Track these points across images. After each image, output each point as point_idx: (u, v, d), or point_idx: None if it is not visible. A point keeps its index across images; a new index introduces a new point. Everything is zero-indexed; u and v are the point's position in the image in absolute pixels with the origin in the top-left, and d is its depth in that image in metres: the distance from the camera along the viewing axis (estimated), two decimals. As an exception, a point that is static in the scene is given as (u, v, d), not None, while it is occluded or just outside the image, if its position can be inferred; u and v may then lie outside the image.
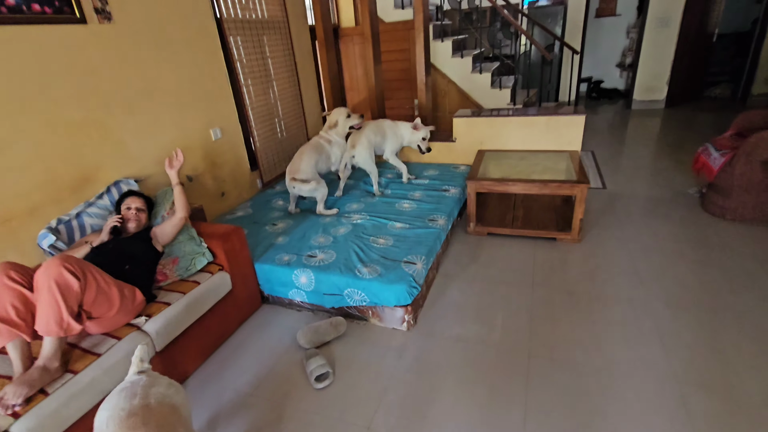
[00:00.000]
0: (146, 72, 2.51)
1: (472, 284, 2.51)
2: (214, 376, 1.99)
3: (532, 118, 3.39)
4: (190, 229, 2.17)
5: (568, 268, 2.59)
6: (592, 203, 3.42)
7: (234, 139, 3.29)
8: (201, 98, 2.93)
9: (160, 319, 1.81)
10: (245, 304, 2.33)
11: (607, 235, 2.93)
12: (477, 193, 2.96)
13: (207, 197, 3.08)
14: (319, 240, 2.58)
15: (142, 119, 2.51)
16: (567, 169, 3.06)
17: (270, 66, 3.59)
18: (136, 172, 2.51)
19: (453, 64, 4.95)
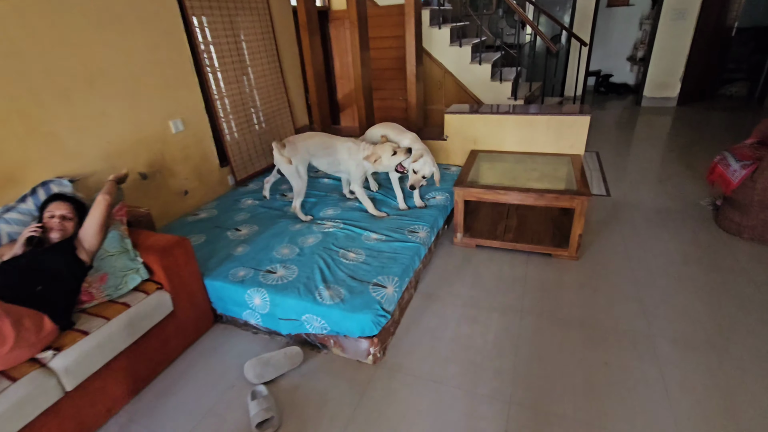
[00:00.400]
0: (88, 55, 2.19)
1: (452, 307, 2.21)
2: (144, 416, 1.72)
3: (532, 116, 3.05)
4: (125, 240, 1.88)
5: (563, 291, 2.29)
6: (595, 213, 3.11)
7: (199, 132, 2.97)
8: (158, 86, 2.61)
9: (73, 352, 1.52)
10: (192, 325, 2.05)
11: (609, 252, 2.62)
12: (466, 200, 2.65)
13: (167, 196, 2.78)
14: (283, 252, 2.29)
15: (81, 110, 2.20)
16: (567, 177, 2.74)
17: (245, 50, 3.25)
18: (75, 170, 2.20)
19: (451, 54, 4.59)
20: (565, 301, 2.21)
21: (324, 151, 2.66)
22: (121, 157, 2.44)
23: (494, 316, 2.13)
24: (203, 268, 2.17)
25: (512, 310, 2.17)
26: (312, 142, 2.65)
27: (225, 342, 2.10)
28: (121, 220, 1.97)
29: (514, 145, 3.20)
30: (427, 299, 2.30)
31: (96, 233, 1.82)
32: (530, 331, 2.02)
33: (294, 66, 3.93)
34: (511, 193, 2.51)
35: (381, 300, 1.86)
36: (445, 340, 1.99)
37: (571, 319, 2.08)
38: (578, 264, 2.52)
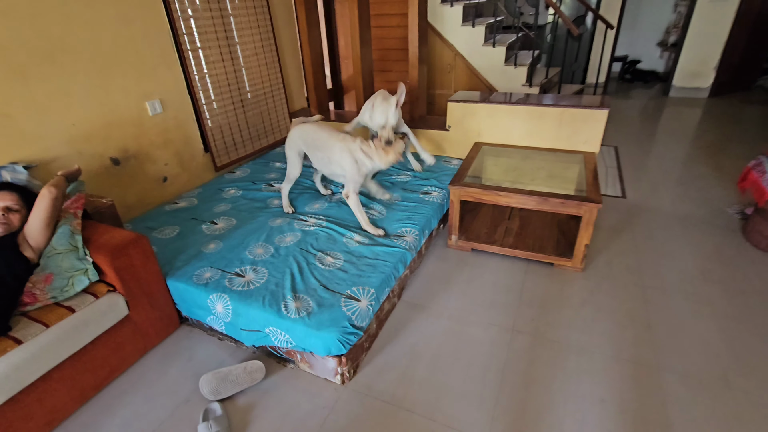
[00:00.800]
0: (45, 29, 1.99)
1: (437, 320, 2.01)
2: (84, 430, 1.58)
3: (543, 108, 2.75)
4: (75, 237, 1.71)
5: (562, 306, 2.06)
6: (606, 217, 2.83)
7: (181, 115, 2.77)
8: (132, 63, 2.40)
9: (1, 364, 1.38)
10: (152, 329, 1.90)
11: (618, 264, 2.36)
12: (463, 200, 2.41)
13: (144, 183, 2.62)
14: (256, 251, 2.10)
15: (40, 88, 2.01)
16: (577, 178, 2.46)
17: (233, 26, 3.00)
18: (34, 155, 2.04)
19: (462, 34, 4.24)
20: (563, 319, 1.98)
21: (315, 144, 2.37)
22: (89, 141, 2.27)
23: (483, 333, 1.92)
24: (169, 267, 2.01)
25: (503, 327, 1.95)
26: (308, 129, 2.39)
27: (188, 347, 1.95)
28: (75, 213, 1.80)
29: (521, 139, 2.92)
30: (412, 309, 2.10)
31: (41, 229, 1.65)
32: (520, 354, 1.80)
33: (292, 45, 3.67)
34: (512, 195, 2.26)
35: (352, 315, 1.66)
36: (425, 360, 1.80)
37: (568, 342, 1.85)
38: (582, 276, 2.27)
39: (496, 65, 4.19)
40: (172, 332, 2.02)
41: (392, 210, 2.46)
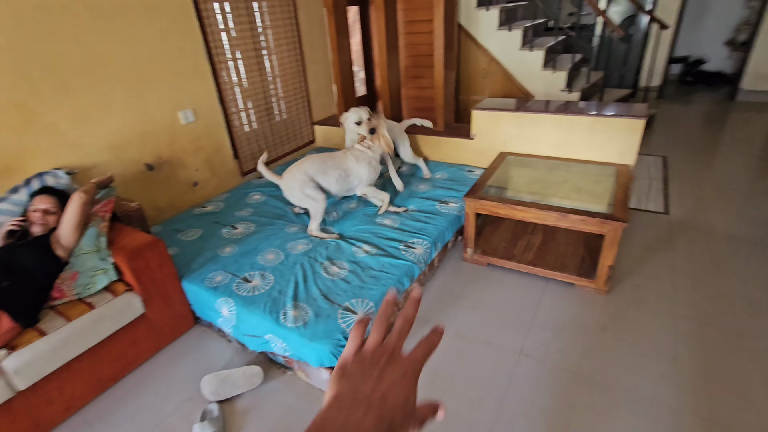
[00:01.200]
0: (89, 46, 2.18)
1: (441, 340, 1.95)
2: (99, 419, 1.71)
3: (573, 116, 2.60)
4: (100, 238, 1.86)
5: (578, 331, 1.93)
6: (643, 234, 2.61)
7: (212, 123, 2.92)
8: (166, 75, 2.57)
9: (26, 353, 1.52)
10: (167, 327, 2.01)
11: (649, 288, 2.17)
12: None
13: (176, 187, 2.79)
14: (267, 257, 2.17)
15: (82, 101, 2.20)
16: (606, 193, 2.30)
17: (270, 37, 3.12)
18: (76, 161, 2.24)
19: (498, 39, 4.11)
20: (577, 346, 1.85)
21: (327, 169, 2.45)
22: (126, 148, 2.45)
23: (488, 353, 1.84)
24: (186, 269, 2.12)
25: (510, 349, 1.86)
26: (310, 164, 2.45)
27: (198, 347, 2.04)
28: (103, 216, 1.96)
29: (549, 149, 2.77)
30: (417, 324, 2.03)
31: (71, 230, 1.81)
32: (524, 380, 1.71)
33: (322, 53, 3.74)
34: (529, 210, 2.15)
35: (347, 329, 1.66)
36: (422, 378, 1.74)
37: (580, 372, 1.73)
38: (605, 300, 2.11)
39: (534, 70, 4.02)
40: (186, 331, 2.13)
41: (406, 219, 2.43)
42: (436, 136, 3.23)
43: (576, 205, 2.16)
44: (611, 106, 2.68)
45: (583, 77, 4.17)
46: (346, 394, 0.36)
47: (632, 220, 2.77)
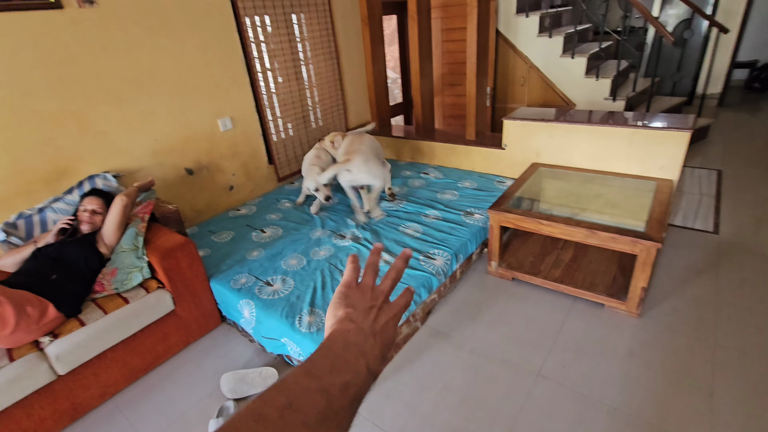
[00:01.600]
0: (137, 59, 2.36)
1: (457, 351, 1.92)
2: (129, 407, 1.83)
3: (610, 128, 2.47)
4: (138, 238, 2.00)
5: (604, 355, 1.82)
6: (685, 254, 2.43)
7: (249, 130, 3.06)
8: (207, 86, 2.73)
9: (66, 341, 1.67)
10: (195, 323, 2.13)
11: (688, 313, 2.01)
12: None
13: (213, 191, 2.95)
14: (291, 262, 2.24)
15: (130, 110, 2.39)
16: (643, 210, 2.16)
17: (307, 48, 3.23)
18: (122, 165, 2.43)
19: (538, 45, 4.00)
20: (601, 371, 1.75)
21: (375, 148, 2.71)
22: (168, 154, 2.63)
23: (502, 372, 1.79)
24: (215, 269, 2.24)
25: (527, 370, 1.79)
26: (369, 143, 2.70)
27: (223, 344, 2.14)
28: (142, 217, 2.11)
29: (585, 161, 2.65)
30: (433, 337, 2.04)
31: (113, 230, 1.97)
32: (540, 403, 1.64)
33: (359, 61, 3.81)
34: (556, 225, 2.07)
35: (358, 337, 1.67)
36: (433, 392, 1.73)
37: (601, 399, 1.63)
38: (637, 323, 1.98)
39: (576, 78, 3.87)
40: (213, 329, 2.24)
41: (429, 228, 2.41)
42: (466, 146, 3.19)
43: (609, 221, 2.05)
44: (655, 117, 2.52)
45: (629, 85, 3.96)
46: (354, 318, 0.43)
47: (676, 238, 2.59)
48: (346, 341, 0.40)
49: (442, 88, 4.75)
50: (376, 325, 0.43)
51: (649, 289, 2.17)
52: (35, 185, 2.12)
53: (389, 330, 0.44)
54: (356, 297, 0.45)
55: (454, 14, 4.26)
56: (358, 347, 0.40)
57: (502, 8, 4.01)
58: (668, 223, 2.71)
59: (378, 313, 0.44)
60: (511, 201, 2.35)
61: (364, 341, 0.41)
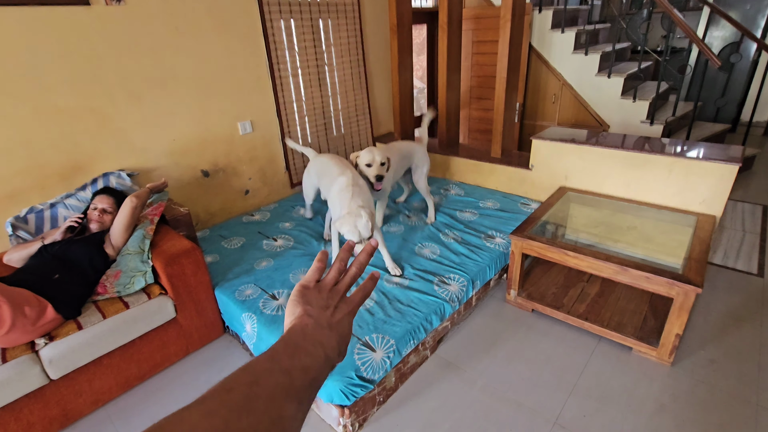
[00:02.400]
0: (161, 59, 2.34)
1: (468, 387, 1.78)
2: (121, 417, 1.76)
3: (647, 155, 2.30)
4: (145, 241, 1.95)
5: (630, 407, 1.65)
6: (725, 298, 2.22)
7: (268, 135, 3.01)
8: (229, 89, 2.69)
9: (62, 345, 1.62)
10: (195, 333, 2.06)
11: (728, 366, 1.81)
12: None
13: (228, 194, 2.90)
14: (299, 276, 2.15)
15: (151, 109, 2.37)
16: (681, 247, 1.98)
17: (333, 54, 3.17)
18: (139, 164, 2.40)
19: (573, 63, 3.84)
20: (626, 425, 1.58)
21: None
22: (185, 155, 2.60)
23: (516, 417, 1.64)
24: (220, 278, 2.17)
25: (543, 416, 1.64)
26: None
27: (224, 357, 2.06)
28: (151, 219, 2.06)
29: (617, 189, 2.48)
30: (444, 368, 1.90)
31: (121, 232, 1.92)
32: (555, 458, 1.49)
33: (387, 69, 3.73)
34: (584, 258, 1.91)
35: (361, 366, 1.56)
36: (438, 428, 1.60)
37: (625, 459, 1.47)
38: (669, 373, 1.80)
39: (611, 98, 3.69)
40: (215, 339, 2.16)
41: (447, 250, 2.29)
42: (491, 163, 3.05)
43: (642, 255, 1.88)
44: (698, 145, 2.34)
45: (669, 108, 3.74)
46: (312, 314, 0.45)
47: (715, 278, 2.38)
48: (304, 333, 0.43)
49: (469, 101, 4.62)
50: (333, 320, 0.46)
51: (684, 335, 1.98)
52: (50, 180, 2.10)
53: (344, 325, 0.47)
54: (312, 296, 0.48)
55: (487, 26, 4.15)
56: (316, 338, 0.43)
57: (537, 23, 3.87)
58: (707, 261, 2.50)
59: (333, 311, 0.47)
60: (536, 226, 2.20)
61: (321, 333, 0.44)
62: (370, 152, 2.23)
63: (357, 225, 1.83)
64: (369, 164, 2.23)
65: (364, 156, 2.24)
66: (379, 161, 2.22)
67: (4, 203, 1.99)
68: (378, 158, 2.22)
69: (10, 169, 1.97)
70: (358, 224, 1.83)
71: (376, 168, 2.22)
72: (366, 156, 2.24)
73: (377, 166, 2.22)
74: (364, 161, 2.24)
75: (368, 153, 2.24)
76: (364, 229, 1.83)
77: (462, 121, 4.74)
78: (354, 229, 1.83)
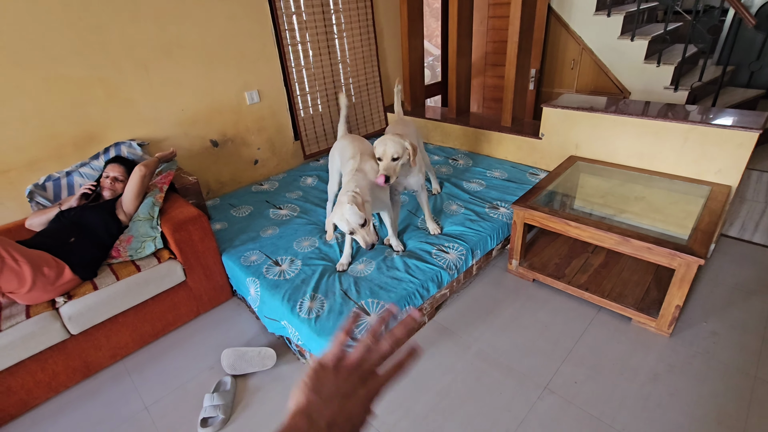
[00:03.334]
0: (165, 27, 2.35)
1: (462, 352, 1.83)
2: (136, 370, 1.90)
3: (662, 122, 2.20)
4: (154, 208, 2.03)
5: (623, 375, 1.66)
6: (736, 271, 2.16)
7: (275, 105, 3.02)
8: (235, 57, 2.69)
9: (79, 303, 1.74)
10: (206, 296, 2.16)
11: (729, 339, 1.79)
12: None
13: (238, 164, 2.96)
14: (303, 244, 2.20)
15: (158, 78, 2.40)
16: (690, 218, 1.92)
17: (333, 21, 3.11)
18: (148, 134, 2.46)
19: (594, 25, 3.63)
20: (617, 392, 1.60)
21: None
22: (194, 124, 2.64)
23: (506, 381, 1.68)
24: (228, 244, 2.25)
25: (534, 381, 1.67)
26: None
27: (231, 318, 2.17)
28: (161, 187, 2.13)
29: (630, 159, 2.39)
30: (440, 333, 1.95)
31: (131, 199, 2.01)
32: (543, 420, 1.53)
33: (395, 37, 3.64)
34: (585, 228, 1.88)
35: (355, 328, 1.61)
36: (431, 393, 1.66)
37: (611, 425, 1.49)
38: (667, 344, 1.79)
39: (634, 62, 3.49)
40: (224, 302, 2.27)
41: (447, 221, 2.29)
42: (499, 132, 2.99)
43: (649, 226, 1.84)
44: (721, 112, 2.21)
45: (696, 73, 3.52)
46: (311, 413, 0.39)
47: (729, 250, 2.31)
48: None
49: (484, 68, 4.47)
50: (340, 416, 0.39)
51: (688, 307, 1.96)
52: (65, 149, 2.19)
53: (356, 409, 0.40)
54: (327, 380, 0.41)
55: (501, -13, 3.95)
56: None
57: (557, -18, 3.66)
58: (721, 233, 2.42)
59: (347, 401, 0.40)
60: (541, 196, 2.17)
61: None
62: (382, 143, 1.86)
63: (344, 214, 1.65)
64: (379, 158, 1.88)
65: (376, 147, 1.88)
66: (390, 155, 1.83)
67: (24, 171, 2.09)
68: (390, 150, 1.83)
69: (27, 139, 2.06)
70: (344, 213, 1.64)
71: (386, 164, 1.84)
72: (377, 147, 1.87)
73: (387, 162, 1.84)
74: (377, 153, 1.89)
75: (380, 144, 1.86)
76: (352, 216, 1.64)
77: (476, 89, 4.61)
78: (342, 219, 1.66)
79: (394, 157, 1.84)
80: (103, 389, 1.82)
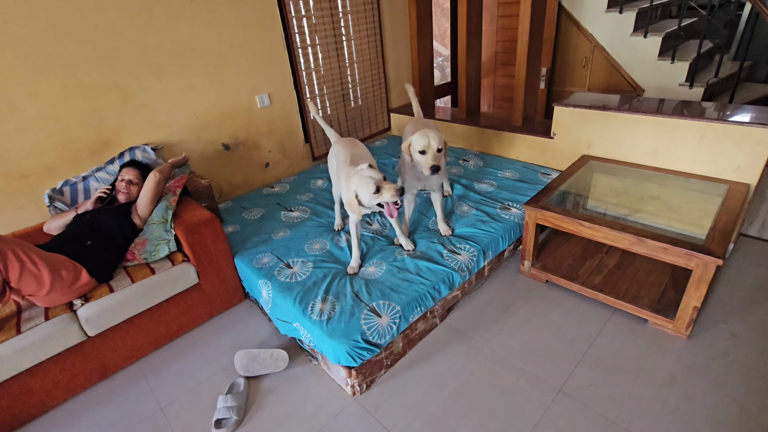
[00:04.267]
0: (178, 33, 2.39)
1: (475, 354, 1.82)
2: (151, 372, 1.93)
3: (677, 120, 2.16)
4: (168, 211, 2.06)
5: (639, 378, 1.63)
6: (757, 271, 2.11)
7: (286, 108, 3.04)
8: (246, 62, 2.72)
9: (95, 306, 1.77)
10: (219, 298, 2.18)
11: (749, 341, 1.74)
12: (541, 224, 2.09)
13: (249, 167, 2.99)
14: (314, 246, 2.21)
15: (170, 83, 2.44)
16: (707, 217, 1.88)
17: (342, 24, 3.12)
18: (163, 138, 2.50)
19: (606, 22, 3.58)
20: (633, 396, 1.57)
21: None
22: (206, 128, 2.68)
23: (520, 383, 1.66)
24: (240, 247, 2.27)
25: (549, 384, 1.65)
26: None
27: (244, 320, 2.18)
28: (174, 191, 2.17)
29: (644, 157, 2.35)
30: (452, 335, 1.94)
31: (146, 203, 2.04)
32: (557, 423, 1.51)
33: (404, 38, 3.63)
34: (599, 228, 1.85)
35: (367, 330, 1.62)
36: (444, 395, 1.65)
37: (627, 429, 1.47)
38: (684, 346, 1.75)
39: (647, 59, 3.44)
40: (236, 304, 2.29)
41: (458, 221, 2.28)
42: (510, 132, 2.96)
43: (664, 226, 1.81)
44: (738, 109, 2.16)
45: (712, 69, 3.45)
46: None
47: (749, 250, 2.25)
48: None
49: (494, 67, 4.45)
50: None
51: (706, 308, 1.91)
52: (82, 154, 2.24)
53: None
54: None
55: (512, -14, 3.92)
56: None
57: (567, -21, 3.62)
58: (740, 232, 2.36)
59: None
60: (553, 196, 2.15)
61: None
62: (424, 136, 1.83)
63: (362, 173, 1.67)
64: (423, 151, 1.85)
65: (417, 141, 1.84)
66: (436, 146, 1.83)
67: (43, 176, 2.14)
68: (434, 143, 1.82)
69: (46, 144, 2.11)
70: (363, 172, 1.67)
71: (432, 156, 1.82)
72: (419, 141, 1.83)
73: (433, 153, 1.83)
74: (417, 147, 1.85)
75: (422, 137, 1.83)
76: (371, 172, 1.67)
77: (487, 89, 4.58)
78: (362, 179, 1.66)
79: (439, 148, 1.86)
80: (119, 390, 1.85)
